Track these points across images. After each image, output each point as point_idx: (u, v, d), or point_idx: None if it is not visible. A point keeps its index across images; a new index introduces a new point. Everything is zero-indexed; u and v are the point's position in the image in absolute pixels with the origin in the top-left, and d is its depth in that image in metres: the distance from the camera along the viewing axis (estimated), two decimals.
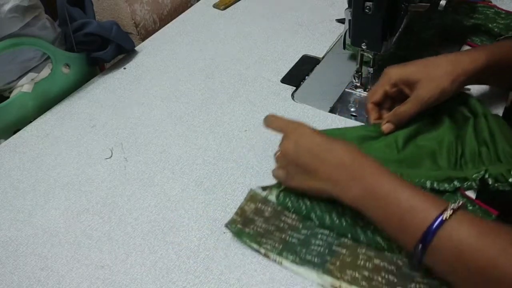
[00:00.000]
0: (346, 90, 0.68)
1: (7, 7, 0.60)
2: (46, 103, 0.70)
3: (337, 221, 0.49)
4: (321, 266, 0.46)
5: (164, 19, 1.00)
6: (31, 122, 0.68)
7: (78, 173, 0.59)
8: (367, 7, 0.54)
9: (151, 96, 0.71)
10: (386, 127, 0.57)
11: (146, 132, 0.64)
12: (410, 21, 0.70)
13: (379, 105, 0.60)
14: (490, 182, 0.49)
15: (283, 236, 0.49)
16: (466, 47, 0.73)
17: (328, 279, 0.45)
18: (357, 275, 0.45)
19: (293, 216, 0.51)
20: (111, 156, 0.61)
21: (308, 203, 0.51)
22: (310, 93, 0.69)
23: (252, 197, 0.53)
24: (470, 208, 0.49)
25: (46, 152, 0.63)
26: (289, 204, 0.51)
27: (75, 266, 0.48)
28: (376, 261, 0.46)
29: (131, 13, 0.92)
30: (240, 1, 0.94)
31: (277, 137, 0.61)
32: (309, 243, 0.49)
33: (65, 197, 0.56)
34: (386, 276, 0.45)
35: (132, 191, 0.56)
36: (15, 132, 0.67)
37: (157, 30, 0.88)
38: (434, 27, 0.75)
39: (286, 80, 0.72)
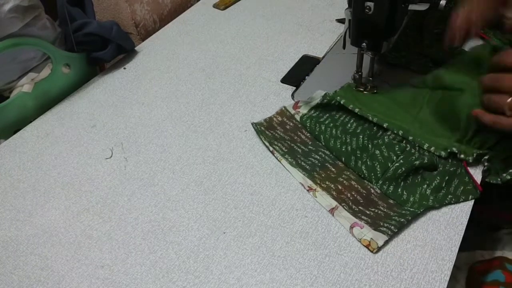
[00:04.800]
0: None
1: (7, 7, 0.60)
2: (46, 103, 0.70)
3: (339, 146, 0.57)
4: (309, 172, 0.56)
5: (164, 19, 1.00)
6: (31, 122, 0.68)
7: (78, 173, 0.59)
8: (367, 7, 0.54)
9: (151, 96, 0.71)
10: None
11: (146, 132, 0.64)
12: (423, 21, 0.70)
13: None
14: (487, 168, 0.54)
15: (292, 145, 0.59)
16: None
17: (309, 182, 0.54)
18: (332, 186, 0.54)
19: (307, 134, 0.61)
20: (111, 156, 0.61)
21: (323, 128, 0.60)
22: (310, 93, 0.69)
23: (282, 111, 0.64)
24: (466, 179, 0.53)
25: (46, 152, 0.63)
26: (308, 124, 0.61)
27: (75, 266, 0.49)
28: (353, 182, 0.54)
29: (131, 13, 0.92)
30: (240, 1, 0.94)
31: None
32: (309, 155, 0.58)
33: (65, 197, 0.56)
34: (355, 195, 0.53)
35: (132, 191, 0.56)
36: (15, 132, 0.67)
37: (157, 30, 0.88)
38: (444, 20, 0.74)
39: (286, 80, 0.72)
